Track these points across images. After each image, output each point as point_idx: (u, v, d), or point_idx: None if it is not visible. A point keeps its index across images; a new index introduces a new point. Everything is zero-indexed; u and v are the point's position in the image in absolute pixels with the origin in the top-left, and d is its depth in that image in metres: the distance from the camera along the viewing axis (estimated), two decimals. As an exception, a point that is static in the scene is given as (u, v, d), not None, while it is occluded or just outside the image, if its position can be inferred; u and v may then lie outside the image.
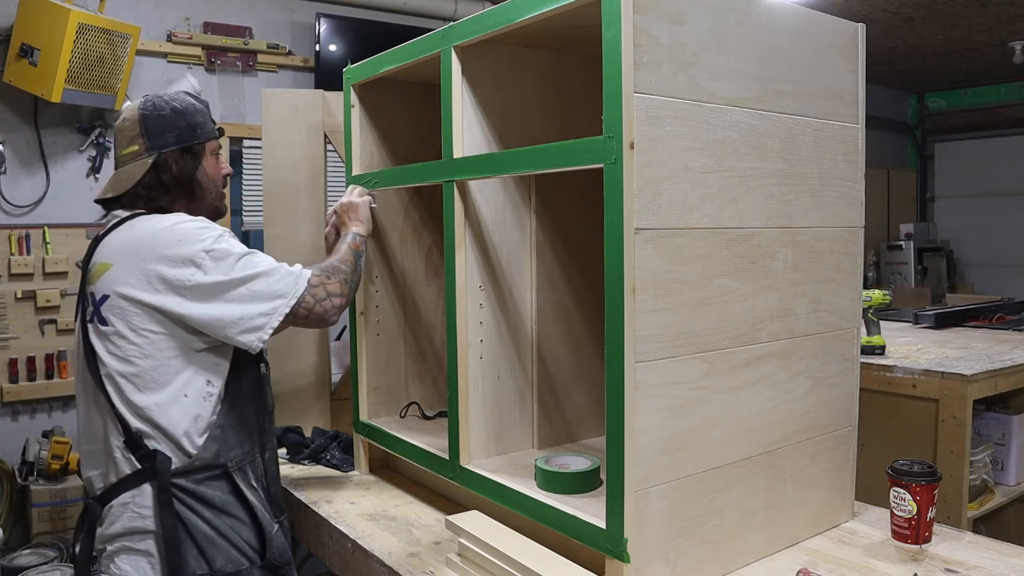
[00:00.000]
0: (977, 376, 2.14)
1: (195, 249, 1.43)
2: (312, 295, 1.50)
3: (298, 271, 1.51)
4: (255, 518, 1.50)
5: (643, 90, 1.19)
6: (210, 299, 1.43)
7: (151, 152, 1.54)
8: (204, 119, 1.62)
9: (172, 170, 1.55)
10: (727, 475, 1.37)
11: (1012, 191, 7.16)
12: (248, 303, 1.44)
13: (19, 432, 3.56)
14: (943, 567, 1.41)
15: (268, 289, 1.46)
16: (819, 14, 1.49)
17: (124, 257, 1.45)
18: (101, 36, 3.39)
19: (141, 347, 1.43)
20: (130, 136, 1.56)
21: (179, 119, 1.57)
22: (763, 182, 1.39)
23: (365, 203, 1.85)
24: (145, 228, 1.48)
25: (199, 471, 1.45)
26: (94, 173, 3.76)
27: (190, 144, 1.57)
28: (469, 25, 1.54)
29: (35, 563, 3.06)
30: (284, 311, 1.46)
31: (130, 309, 1.43)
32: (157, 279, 1.42)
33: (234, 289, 1.44)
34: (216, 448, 1.47)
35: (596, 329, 1.84)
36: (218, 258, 1.44)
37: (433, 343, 2.19)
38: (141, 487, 1.43)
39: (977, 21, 5.23)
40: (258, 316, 1.44)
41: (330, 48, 4.30)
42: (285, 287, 1.47)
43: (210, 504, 1.45)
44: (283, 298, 1.46)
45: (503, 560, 1.34)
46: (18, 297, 3.56)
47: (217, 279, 1.43)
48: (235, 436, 1.51)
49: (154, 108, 1.56)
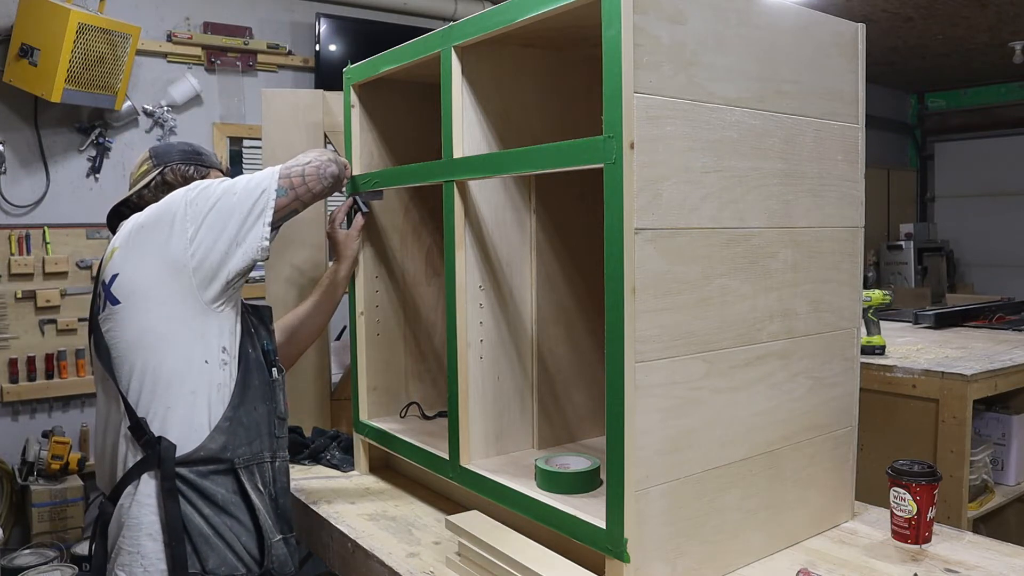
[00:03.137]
0: (977, 376, 2.14)
1: (182, 195, 1.49)
2: (287, 178, 1.55)
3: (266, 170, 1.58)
4: (257, 523, 1.47)
5: (643, 90, 1.19)
6: (207, 217, 1.46)
7: (157, 166, 1.65)
8: (210, 154, 1.74)
9: (178, 177, 1.64)
10: (727, 475, 1.37)
11: (1012, 191, 7.16)
12: (241, 204, 1.49)
13: (19, 432, 3.56)
14: (943, 567, 1.41)
15: (250, 183, 1.52)
16: (819, 14, 1.49)
17: (131, 238, 1.49)
18: (101, 36, 3.39)
19: (150, 315, 1.44)
20: (140, 161, 1.70)
21: (185, 147, 1.72)
22: (763, 182, 1.39)
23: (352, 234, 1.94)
24: (146, 211, 1.54)
25: (204, 463, 1.43)
26: (94, 173, 3.76)
27: (195, 163, 1.68)
28: (469, 25, 1.54)
29: (35, 563, 3.06)
30: (273, 190, 1.51)
31: (139, 279, 1.45)
32: (158, 234, 1.46)
33: (224, 199, 1.48)
34: (224, 441, 1.45)
35: (596, 329, 1.84)
36: (204, 189, 1.50)
37: (433, 343, 2.19)
38: (141, 477, 1.41)
39: (977, 21, 5.23)
40: (251, 204, 1.49)
41: (330, 48, 4.30)
42: (263, 175, 1.54)
43: (211, 500, 1.43)
44: (266, 179, 1.52)
45: (503, 560, 1.34)
46: (18, 297, 3.56)
47: (207, 203, 1.47)
48: (244, 433, 1.49)
49: (161, 144, 1.74)
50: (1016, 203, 7.12)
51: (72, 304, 3.67)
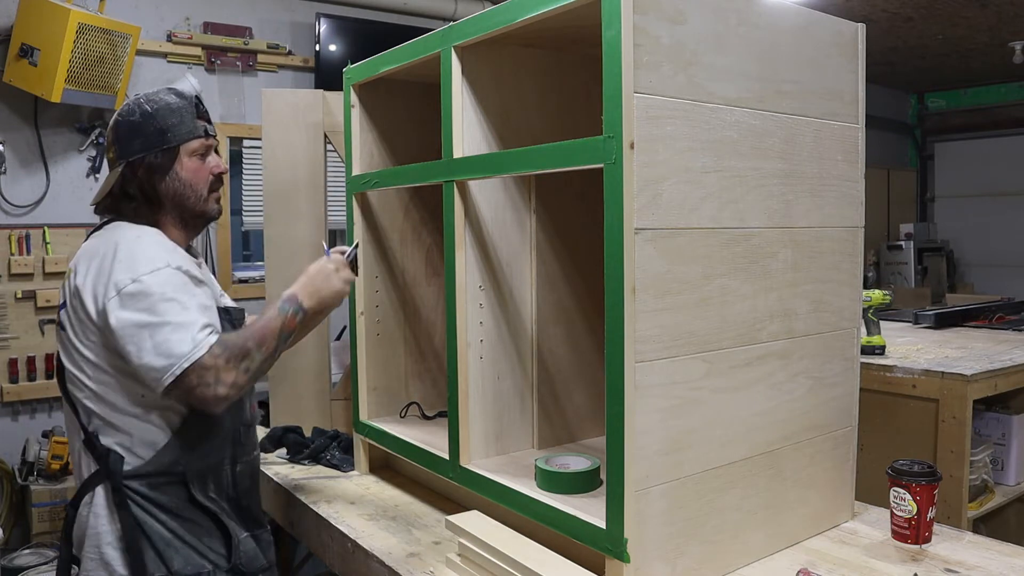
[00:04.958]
0: (977, 376, 2.14)
1: (122, 277, 1.36)
2: (197, 375, 1.32)
3: (200, 339, 1.34)
4: (219, 523, 1.47)
5: (643, 90, 1.19)
6: (118, 330, 1.35)
7: (120, 161, 1.50)
8: (179, 119, 1.51)
9: (137, 180, 1.49)
10: (727, 475, 1.37)
11: (1012, 191, 7.16)
12: (146, 352, 1.33)
13: (19, 432, 3.56)
14: (943, 567, 1.41)
15: (167, 343, 1.32)
16: (819, 14, 1.49)
17: (82, 266, 1.43)
18: (101, 36, 3.39)
19: (90, 360, 1.41)
20: (109, 141, 1.54)
21: (148, 124, 1.49)
22: (763, 182, 1.39)
23: (340, 281, 1.58)
24: (107, 238, 1.45)
25: (153, 476, 1.42)
26: (94, 173, 3.76)
27: (159, 149, 1.49)
28: (469, 25, 1.54)
29: (35, 563, 3.06)
30: (176, 372, 1.31)
31: (78, 318, 1.41)
32: (94, 293, 1.39)
33: (139, 330, 1.33)
34: (175, 456, 1.43)
35: (596, 329, 1.84)
36: (134, 294, 1.35)
37: (433, 343, 2.19)
38: (96, 489, 1.42)
39: (977, 21, 5.23)
40: (149, 368, 1.33)
41: (330, 48, 4.30)
42: (181, 347, 1.32)
43: (164, 508, 1.42)
44: (175, 358, 1.32)
45: (503, 560, 1.34)
46: (18, 297, 3.56)
47: (124, 316, 1.34)
48: (202, 447, 1.47)
49: (127, 113, 1.51)
50: (1016, 203, 7.12)
51: (72, 304, 3.66)
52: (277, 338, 1.44)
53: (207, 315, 1.40)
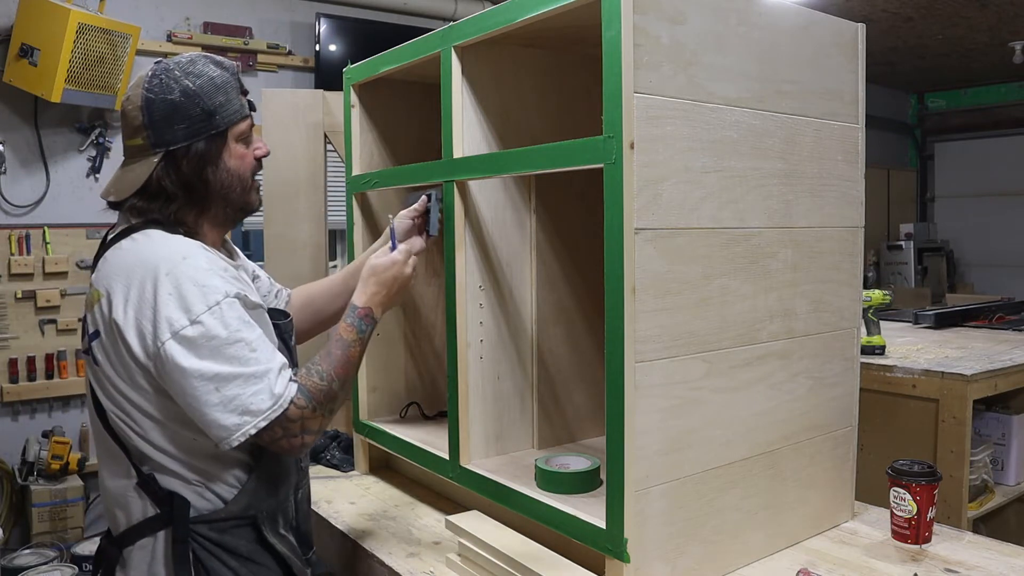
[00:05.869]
0: (977, 376, 2.14)
1: (176, 316, 1.16)
2: (283, 427, 1.20)
3: (280, 391, 1.19)
4: (286, 566, 1.32)
5: (643, 90, 1.19)
6: (179, 380, 1.16)
7: (157, 149, 1.26)
8: (227, 96, 1.28)
9: (181, 174, 1.27)
10: (727, 475, 1.37)
11: (1012, 191, 7.16)
12: (213, 407, 1.16)
13: (19, 432, 3.57)
14: (943, 567, 1.41)
15: (240, 398, 1.16)
16: (819, 14, 1.49)
17: (117, 294, 1.20)
18: (101, 36, 3.39)
19: (141, 408, 1.21)
20: (134, 125, 1.27)
21: (192, 104, 1.25)
22: (763, 182, 1.39)
23: (406, 278, 1.47)
24: (141, 256, 1.21)
25: (224, 521, 1.26)
26: (94, 173, 3.76)
27: (206, 135, 1.26)
28: (469, 25, 1.54)
29: (35, 563, 3.06)
30: (249, 432, 1.17)
31: (119, 358, 1.20)
32: (140, 331, 1.18)
33: (205, 382, 1.16)
34: (247, 501, 1.27)
35: (596, 329, 1.84)
36: (193, 339, 1.16)
37: (433, 343, 2.19)
38: (158, 534, 1.24)
39: (977, 21, 5.23)
40: (218, 426, 1.16)
41: (330, 48, 4.30)
42: (260, 404, 1.17)
43: (235, 553, 1.27)
44: (251, 416, 1.17)
45: (503, 560, 1.34)
46: (18, 297, 3.56)
47: (185, 365, 1.15)
48: (273, 484, 1.32)
49: (162, 89, 1.25)
50: (1016, 203, 7.12)
51: (72, 304, 3.67)
52: (357, 366, 1.34)
53: (275, 353, 1.23)
